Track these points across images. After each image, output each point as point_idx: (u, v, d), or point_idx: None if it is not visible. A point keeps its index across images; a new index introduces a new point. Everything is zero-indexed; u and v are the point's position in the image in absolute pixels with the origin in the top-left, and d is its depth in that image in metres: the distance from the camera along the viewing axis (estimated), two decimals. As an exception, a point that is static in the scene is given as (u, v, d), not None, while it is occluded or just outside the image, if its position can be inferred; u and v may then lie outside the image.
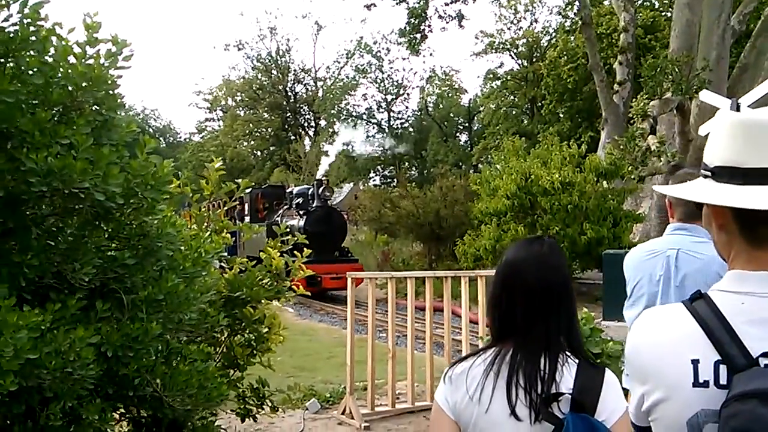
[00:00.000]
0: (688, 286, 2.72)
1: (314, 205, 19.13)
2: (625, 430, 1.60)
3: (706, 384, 1.11)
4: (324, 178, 20.15)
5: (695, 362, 1.13)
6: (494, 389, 1.68)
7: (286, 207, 20.80)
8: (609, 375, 1.71)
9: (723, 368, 1.10)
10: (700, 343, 1.13)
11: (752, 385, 1.03)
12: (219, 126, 48.79)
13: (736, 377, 1.07)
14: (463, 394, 1.71)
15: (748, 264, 1.16)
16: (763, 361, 1.07)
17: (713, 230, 1.23)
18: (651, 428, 1.25)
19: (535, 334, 1.72)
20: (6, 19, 2.28)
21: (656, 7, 29.71)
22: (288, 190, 21.81)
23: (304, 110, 45.98)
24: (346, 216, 21.77)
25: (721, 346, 1.11)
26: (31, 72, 2.29)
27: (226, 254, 3.62)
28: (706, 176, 1.20)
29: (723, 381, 1.10)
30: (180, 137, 58.58)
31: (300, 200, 19.63)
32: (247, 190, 16.67)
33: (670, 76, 12.07)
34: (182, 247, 2.90)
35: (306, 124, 46.17)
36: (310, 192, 19.86)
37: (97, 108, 2.43)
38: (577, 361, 1.71)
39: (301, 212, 19.14)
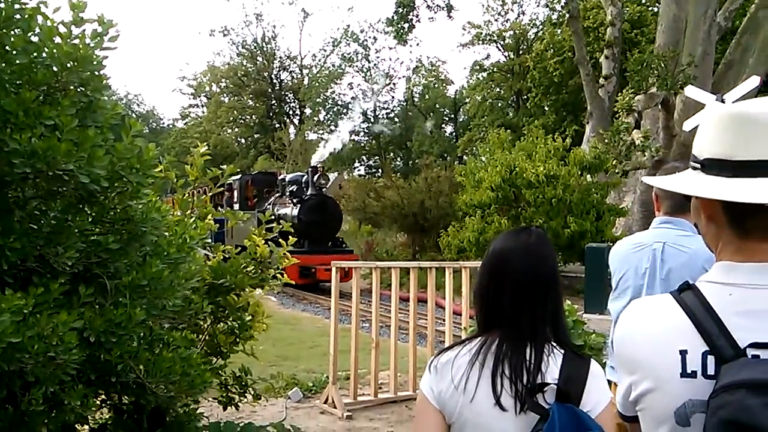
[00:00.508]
0: (674, 279, 2.74)
1: (308, 193, 18.29)
2: (610, 420, 1.61)
3: (693, 374, 1.12)
4: (319, 165, 19.23)
5: (683, 353, 1.13)
6: (479, 379, 1.68)
7: (278, 195, 19.99)
8: (594, 366, 1.72)
9: (711, 359, 1.11)
10: (688, 333, 1.14)
11: (740, 376, 1.04)
12: (203, 112, 48.35)
13: (724, 368, 1.08)
14: (448, 384, 1.71)
15: (736, 255, 1.17)
16: (750, 352, 1.08)
17: (702, 222, 1.24)
18: (638, 418, 1.26)
19: (522, 324, 1.72)
20: (-11, -3, 2.24)
21: (643, 2, 29.81)
22: (280, 178, 20.92)
23: (289, 98, 45.63)
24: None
25: (709, 337, 1.12)
26: (15, 51, 2.25)
27: (210, 241, 3.59)
28: (695, 168, 1.21)
29: (711, 371, 1.10)
30: (163, 123, 58.04)
31: (294, 188, 18.74)
32: (236, 177, 16.24)
33: (655, 71, 12.15)
34: (167, 233, 2.88)
35: (291, 112, 45.87)
36: (304, 179, 18.95)
37: (82, 89, 2.39)
38: (562, 351, 1.72)
39: (294, 200, 18.30)
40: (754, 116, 1.13)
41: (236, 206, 20.14)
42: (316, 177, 18.38)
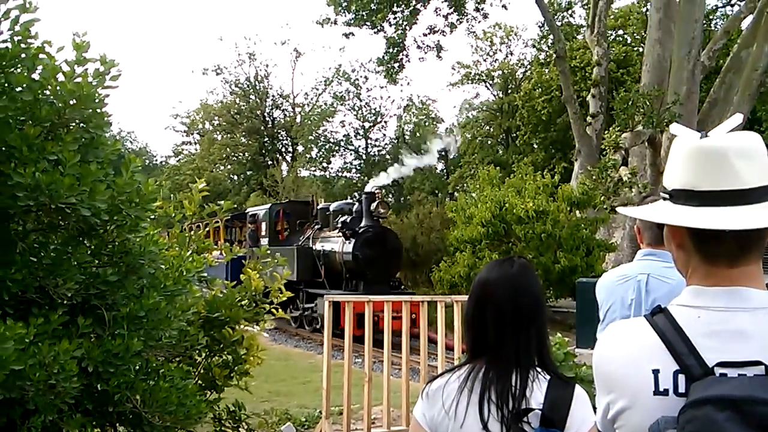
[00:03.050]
0: (658, 309, 2.80)
1: (363, 224, 14.85)
2: (594, 444, 1.67)
3: (665, 392, 1.19)
4: (377, 191, 15.73)
5: (656, 372, 1.20)
6: (468, 405, 1.74)
7: (317, 227, 16.85)
8: (578, 390, 1.78)
9: (681, 377, 1.18)
10: (660, 354, 1.21)
11: (707, 393, 1.11)
12: (196, 150, 48.44)
13: (693, 385, 1.14)
14: (439, 409, 1.77)
15: (705, 280, 1.25)
16: (718, 371, 1.14)
17: (672, 249, 1.32)
18: None
19: (506, 352, 1.78)
20: (-3, 36, 2.34)
21: (628, 42, 30.44)
22: (319, 207, 17.54)
23: (281, 135, 45.82)
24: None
25: (679, 357, 1.19)
26: (20, 89, 2.33)
27: (206, 274, 3.63)
28: (665, 199, 1.29)
29: (681, 389, 1.17)
30: (156, 160, 58.12)
31: (345, 218, 15.35)
32: (264, 208, 15.11)
33: (641, 110, 12.36)
34: (163, 266, 2.94)
35: (283, 150, 46.07)
36: (354, 209, 15.50)
37: (84, 125, 2.47)
38: (548, 377, 1.78)
39: (347, 233, 14.79)
40: (717, 149, 1.22)
41: (264, 240, 17.27)
42: (373, 205, 14.97)
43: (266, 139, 44.83)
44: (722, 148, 1.21)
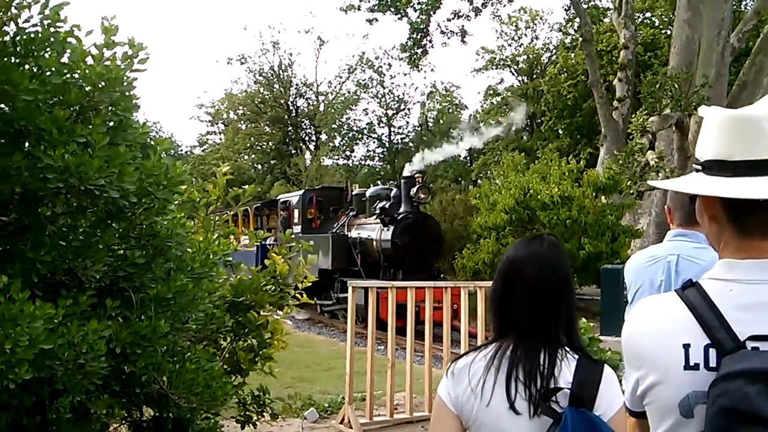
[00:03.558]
0: (688, 291, 2.76)
1: (402, 210, 13.99)
2: (623, 423, 1.65)
3: (696, 367, 1.17)
4: (416, 175, 14.48)
5: (686, 346, 1.18)
6: (495, 384, 1.72)
7: (352, 213, 15.97)
8: (607, 370, 1.76)
9: (713, 352, 1.16)
10: (690, 328, 1.19)
11: (739, 366, 1.09)
12: (220, 139, 48.78)
13: (725, 359, 1.12)
14: (464, 388, 1.75)
15: (737, 252, 1.22)
16: (750, 344, 1.12)
17: (705, 221, 1.29)
18: (645, 414, 1.30)
19: (535, 330, 1.76)
20: (27, 20, 2.36)
21: (656, 24, 29.92)
22: (354, 193, 16.64)
23: (305, 124, 45.86)
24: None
25: (710, 331, 1.16)
26: (49, 72, 2.36)
27: (231, 258, 3.65)
28: (697, 170, 1.26)
29: (713, 364, 1.15)
30: (181, 150, 58.57)
31: (384, 204, 14.28)
32: (297, 194, 14.48)
33: (669, 93, 12.17)
34: (190, 249, 2.96)
35: (307, 138, 46.15)
36: (392, 194, 14.75)
37: (113, 108, 2.49)
38: (576, 356, 1.76)
39: (386, 219, 13.82)
40: (751, 118, 1.19)
41: (296, 228, 16.27)
42: (413, 190, 13.99)
43: (290, 128, 44.95)
44: (756, 117, 1.18)
